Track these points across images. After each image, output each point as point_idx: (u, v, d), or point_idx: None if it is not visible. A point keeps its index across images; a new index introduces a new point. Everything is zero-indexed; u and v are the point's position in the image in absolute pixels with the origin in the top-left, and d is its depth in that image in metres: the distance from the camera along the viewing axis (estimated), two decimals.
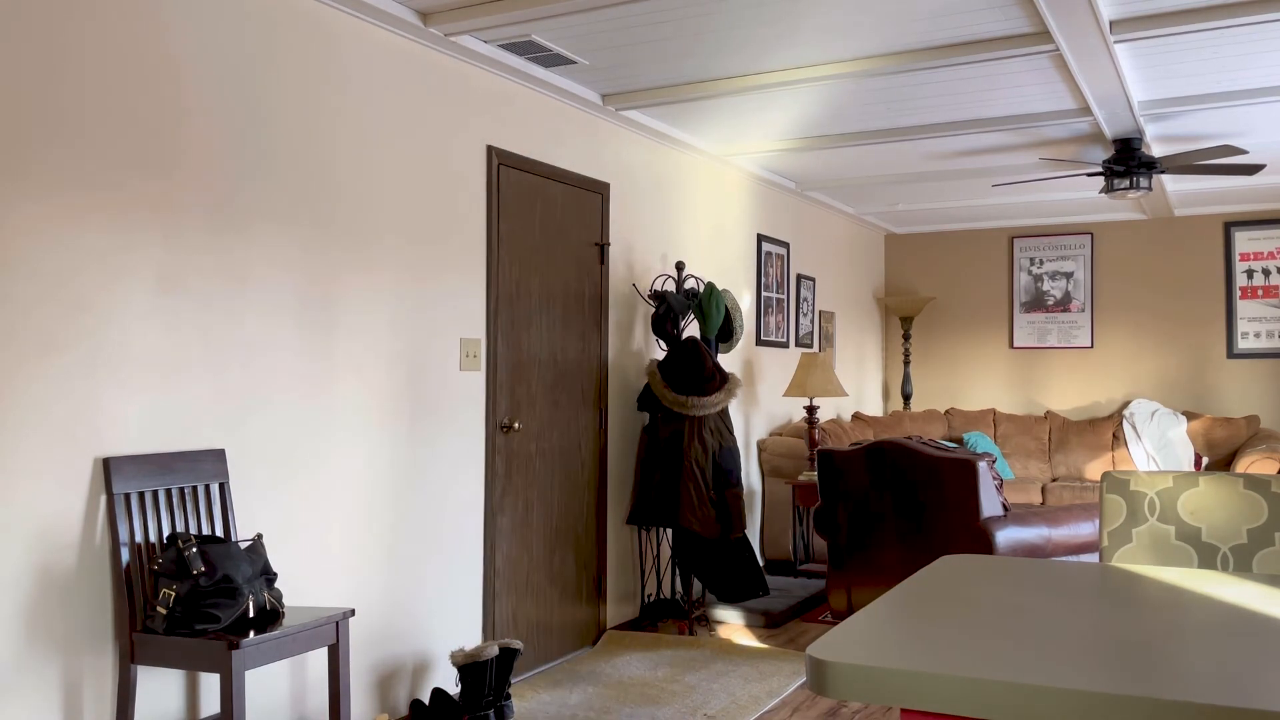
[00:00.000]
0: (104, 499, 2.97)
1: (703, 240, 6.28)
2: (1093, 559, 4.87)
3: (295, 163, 3.56)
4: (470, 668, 3.80)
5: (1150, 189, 5.81)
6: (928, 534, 4.89)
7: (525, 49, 4.33)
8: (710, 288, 5.55)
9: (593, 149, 5.20)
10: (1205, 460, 7.60)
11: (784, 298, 7.36)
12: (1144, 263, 8.45)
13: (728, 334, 5.80)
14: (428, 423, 4.13)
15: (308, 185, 3.61)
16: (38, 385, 2.80)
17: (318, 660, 3.64)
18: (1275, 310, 8.00)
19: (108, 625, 2.97)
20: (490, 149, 4.44)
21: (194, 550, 2.89)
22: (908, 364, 8.99)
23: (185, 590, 2.86)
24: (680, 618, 5.54)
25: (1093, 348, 8.59)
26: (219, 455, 3.26)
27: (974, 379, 9.03)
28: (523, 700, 4.23)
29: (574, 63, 4.52)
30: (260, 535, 3.11)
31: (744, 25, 4.12)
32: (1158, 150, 6.08)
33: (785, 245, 7.36)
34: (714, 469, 5.27)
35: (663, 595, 5.77)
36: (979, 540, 4.69)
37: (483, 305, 4.43)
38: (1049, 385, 8.75)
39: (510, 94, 4.61)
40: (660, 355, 5.81)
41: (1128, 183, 5.77)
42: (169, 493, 3.11)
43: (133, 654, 2.93)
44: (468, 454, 4.35)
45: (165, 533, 3.09)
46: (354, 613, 3.22)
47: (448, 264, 4.23)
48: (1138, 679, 1.39)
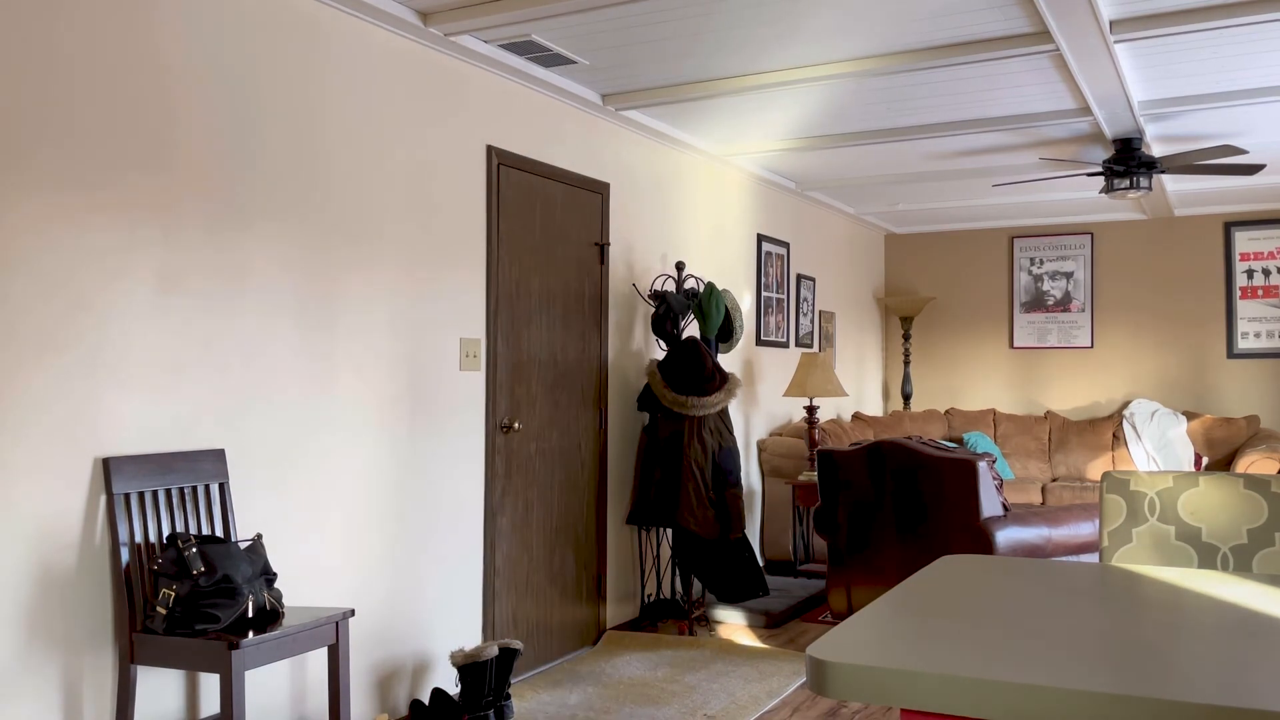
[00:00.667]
0: (104, 499, 2.97)
1: (703, 240, 6.28)
2: (1093, 559, 4.87)
3: (295, 162, 3.56)
4: (470, 668, 3.80)
5: (1150, 189, 5.81)
6: (928, 534, 4.89)
7: (525, 49, 4.33)
8: (710, 288, 5.55)
9: (593, 149, 5.20)
10: (1205, 460, 7.60)
11: (784, 298, 7.36)
12: (1144, 263, 8.45)
13: (728, 334, 5.80)
14: (428, 423, 4.13)
15: (307, 185, 3.61)
16: (38, 385, 2.80)
17: (318, 660, 3.64)
18: (1275, 310, 8.00)
19: (108, 625, 2.97)
20: (490, 149, 4.44)
21: (194, 550, 2.89)
22: (908, 364, 8.98)
23: (185, 590, 2.86)
24: (680, 618, 5.54)
25: (1093, 348, 8.59)
26: (219, 455, 3.26)
27: (974, 379, 9.03)
28: (523, 700, 4.23)
29: (574, 63, 4.52)
30: (260, 535, 3.11)
31: (744, 25, 4.12)
32: (1158, 150, 6.08)
33: (785, 245, 7.36)
34: (714, 469, 5.27)
35: (663, 595, 5.77)
36: (979, 540, 4.69)
37: (483, 305, 4.43)
38: (1049, 385, 8.75)
39: (510, 94, 4.61)
40: (660, 355, 5.81)
41: (1128, 183, 5.77)
42: (169, 493, 3.12)
43: (132, 654, 2.93)
44: (468, 454, 4.35)
45: (165, 533, 3.09)
46: (354, 613, 3.22)
47: (448, 263, 4.23)
48: (1138, 679, 1.39)
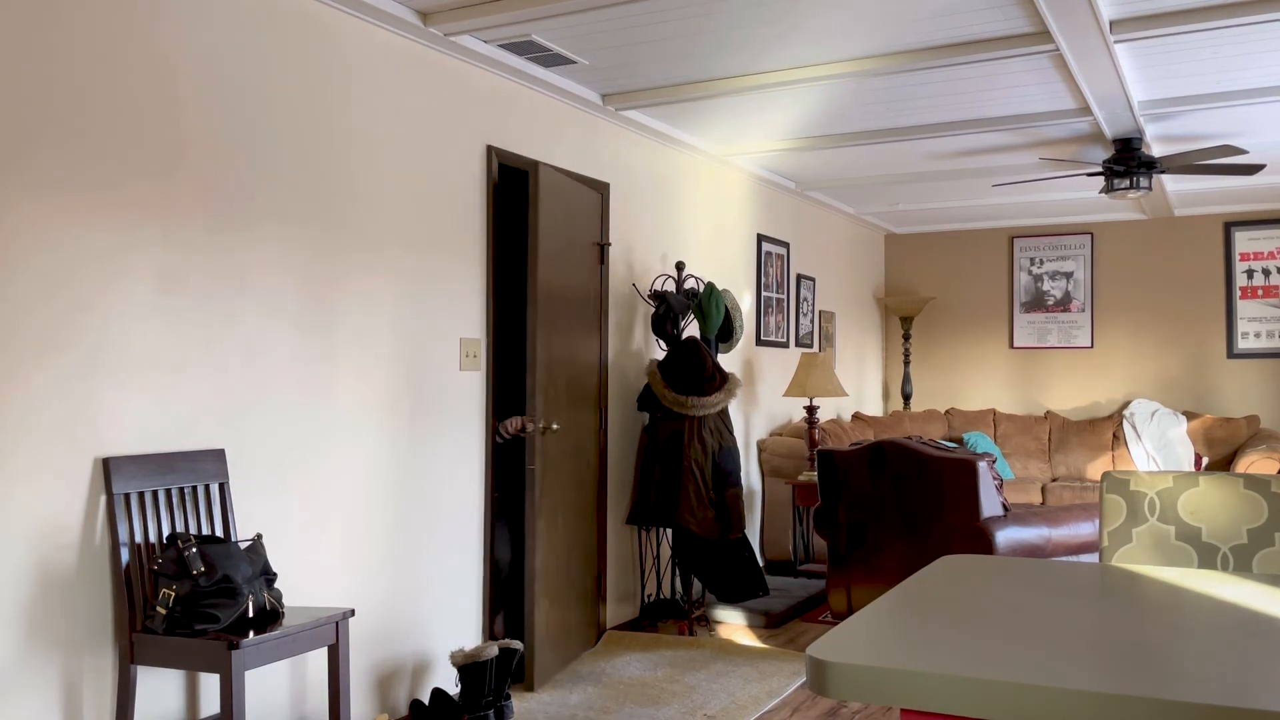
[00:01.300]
0: (104, 499, 2.97)
1: (703, 240, 6.28)
2: (1093, 559, 4.87)
3: (295, 162, 3.56)
4: (470, 668, 3.80)
5: (1150, 189, 5.81)
6: (928, 534, 4.89)
7: (525, 49, 4.33)
8: (710, 288, 5.55)
9: (593, 149, 5.20)
10: (1205, 460, 7.60)
11: (784, 298, 7.36)
12: (1144, 263, 8.45)
13: (728, 334, 5.80)
14: (428, 423, 4.13)
15: (307, 185, 3.61)
16: (38, 385, 2.80)
17: (318, 660, 3.64)
18: (1275, 310, 7.99)
19: (108, 625, 2.97)
20: (490, 149, 4.44)
21: (194, 550, 2.89)
22: (908, 364, 8.98)
23: (185, 590, 2.86)
24: (680, 618, 5.54)
25: (1093, 348, 8.59)
26: (219, 455, 3.26)
27: (974, 379, 9.03)
28: (523, 700, 4.23)
29: (574, 63, 4.52)
30: (260, 535, 3.11)
31: (744, 25, 4.12)
32: (1158, 150, 6.08)
33: (785, 245, 7.36)
34: (713, 469, 5.27)
35: (663, 595, 5.77)
36: (979, 540, 4.69)
37: (483, 305, 4.43)
38: (1049, 385, 8.75)
39: (510, 94, 4.60)
40: (660, 355, 5.81)
41: (1128, 183, 5.77)
42: (169, 493, 3.11)
43: (132, 654, 2.93)
44: (467, 454, 4.34)
45: (165, 533, 3.09)
46: (354, 613, 3.22)
47: (448, 263, 4.23)
48: (1138, 679, 1.39)
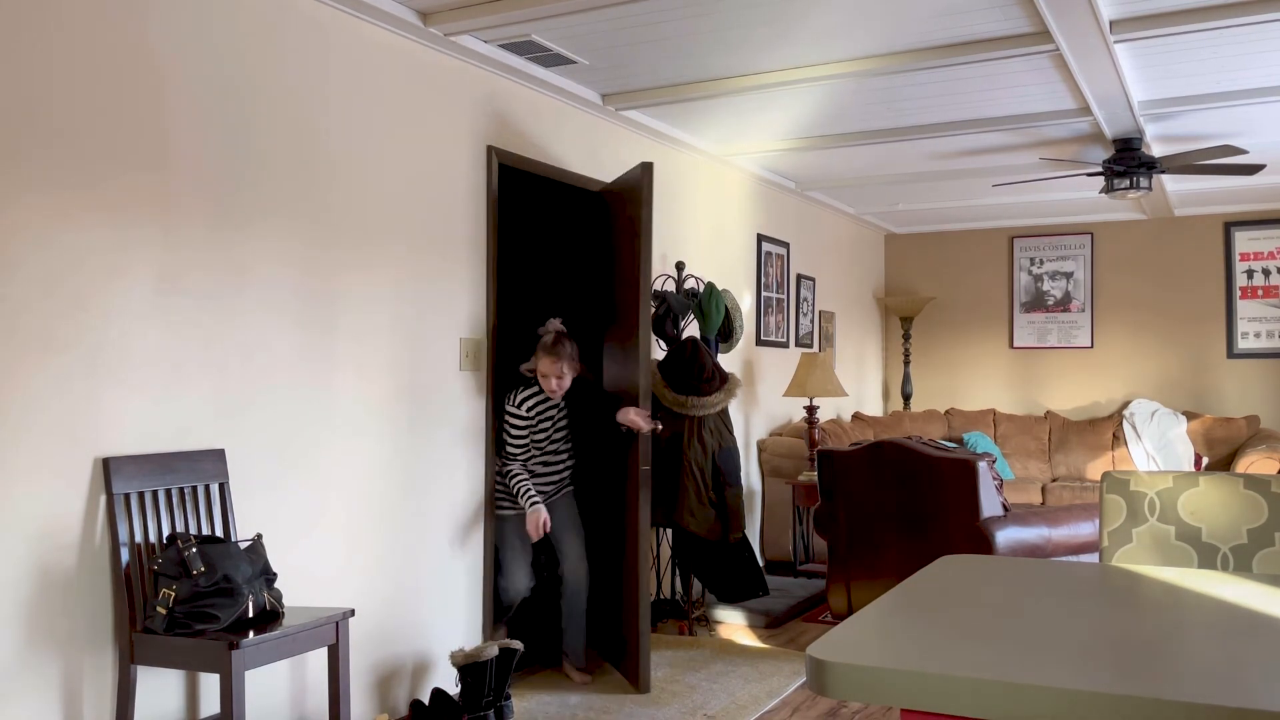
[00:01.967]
0: (104, 499, 2.97)
1: (703, 240, 6.28)
2: (1093, 559, 4.87)
3: (294, 162, 3.56)
4: (470, 668, 3.80)
5: (1150, 189, 5.81)
6: (928, 534, 4.89)
7: (525, 49, 4.33)
8: (710, 288, 5.55)
9: (593, 149, 5.20)
10: (1205, 460, 7.60)
11: (784, 298, 7.36)
12: (1144, 263, 8.45)
13: (728, 334, 5.80)
14: (428, 422, 4.13)
15: (308, 184, 3.61)
16: (37, 385, 2.80)
17: (318, 660, 3.64)
18: (1275, 310, 8.00)
19: (108, 625, 2.97)
20: (490, 149, 4.44)
21: (194, 550, 2.89)
22: (908, 364, 8.98)
23: (185, 590, 2.86)
24: (680, 618, 5.54)
25: (1093, 348, 8.59)
26: (219, 455, 3.26)
27: (974, 379, 9.03)
28: (523, 700, 4.23)
29: (574, 63, 4.52)
30: (260, 535, 3.11)
31: (744, 25, 4.12)
32: (1158, 150, 6.08)
33: (785, 245, 7.36)
34: (713, 469, 5.27)
35: (663, 595, 5.77)
36: (979, 540, 4.69)
37: (483, 305, 4.42)
38: (1049, 385, 8.75)
39: (510, 94, 4.60)
40: (660, 355, 5.81)
41: (1128, 183, 5.77)
42: (169, 493, 3.11)
43: (132, 654, 2.93)
44: (468, 454, 4.34)
45: (165, 533, 3.09)
46: (354, 613, 3.22)
47: (448, 264, 4.23)
48: (1138, 679, 1.39)
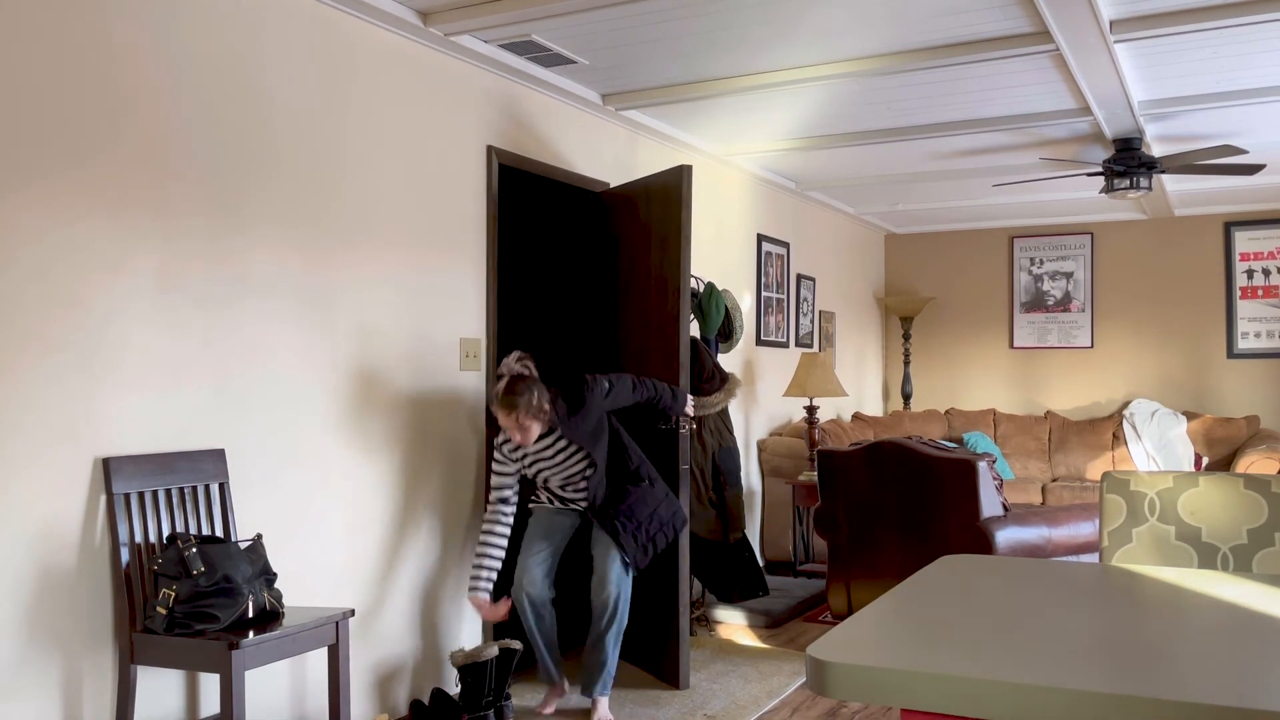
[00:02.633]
0: (104, 499, 2.97)
1: (703, 240, 6.27)
2: (1093, 559, 4.87)
3: (295, 162, 3.56)
4: (470, 668, 3.80)
5: (1150, 189, 5.81)
6: (928, 534, 4.89)
7: (525, 49, 4.33)
8: (710, 287, 5.55)
9: (593, 149, 5.20)
10: (1205, 460, 7.60)
11: (784, 298, 7.36)
12: (1144, 263, 8.45)
13: (728, 334, 5.80)
14: (428, 422, 4.13)
15: (307, 185, 3.61)
16: (37, 385, 2.80)
17: (318, 660, 3.64)
18: (1275, 310, 7.99)
19: (108, 625, 2.97)
20: (490, 149, 4.44)
21: (194, 550, 2.89)
22: (908, 364, 8.98)
23: (185, 590, 2.86)
24: None
25: (1093, 348, 8.59)
26: (219, 455, 3.26)
27: (974, 379, 9.03)
28: (523, 700, 4.23)
29: (574, 63, 4.52)
30: (260, 535, 3.11)
31: (744, 25, 4.12)
32: (1158, 150, 6.08)
33: (785, 245, 7.36)
34: (713, 469, 5.27)
35: None
36: (979, 540, 4.69)
37: (483, 306, 4.42)
38: (1049, 385, 8.75)
39: (510, 94, 4.60)
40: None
41: (1128, 183, 5.77)
42: (169, 493, 3.11)
43: (132, 654, 2.93)
44: (468, 454, 4.34)
45: (165, 533, 3.09)
46: (354, 613, 3.22)
47: (448, 263, 4.23)
48: (1138, 679, 1.39)
